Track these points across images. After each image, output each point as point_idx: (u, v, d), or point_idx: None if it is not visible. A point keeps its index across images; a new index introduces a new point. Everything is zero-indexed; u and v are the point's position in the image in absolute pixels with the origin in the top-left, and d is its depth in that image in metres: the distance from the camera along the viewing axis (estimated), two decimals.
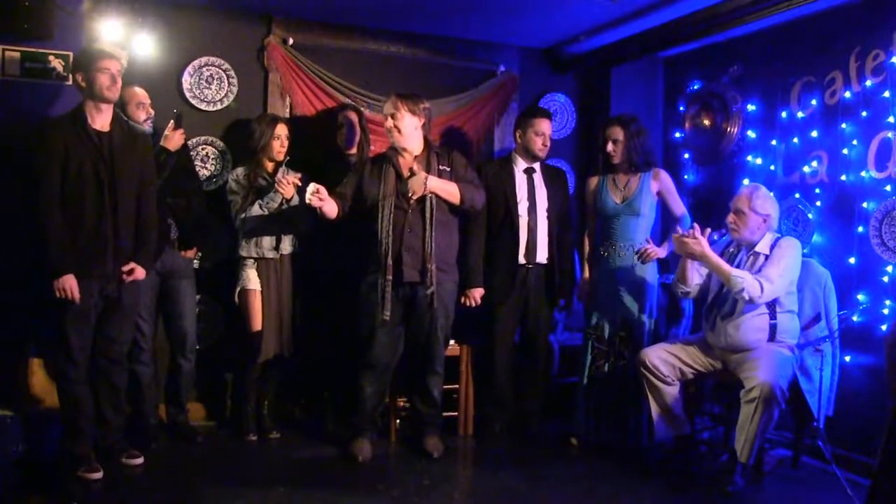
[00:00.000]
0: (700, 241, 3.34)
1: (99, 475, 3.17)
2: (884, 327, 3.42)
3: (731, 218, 3.47)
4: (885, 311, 3.45)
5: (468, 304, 3.88)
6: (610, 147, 3.87)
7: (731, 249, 3.56)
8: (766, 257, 3.40)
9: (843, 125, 3.72)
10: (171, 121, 3.56)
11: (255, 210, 3.70)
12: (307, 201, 3.42)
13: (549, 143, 3.99)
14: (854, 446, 3.52)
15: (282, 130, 3.81)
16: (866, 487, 2.66)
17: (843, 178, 3.71)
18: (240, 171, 3.85)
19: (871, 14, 3.61)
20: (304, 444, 3.82)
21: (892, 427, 2.45)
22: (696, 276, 3.54)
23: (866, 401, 3.49)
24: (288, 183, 3.58)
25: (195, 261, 3.89)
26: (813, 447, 3.51)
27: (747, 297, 3.29)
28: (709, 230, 3.45)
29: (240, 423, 3.87)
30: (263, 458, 3.63)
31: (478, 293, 3.89)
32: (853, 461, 3.47)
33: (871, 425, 3.33)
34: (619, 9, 3.99)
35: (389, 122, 3.58)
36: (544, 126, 3.96)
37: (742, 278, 3.28)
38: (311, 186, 3.41)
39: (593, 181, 3.99)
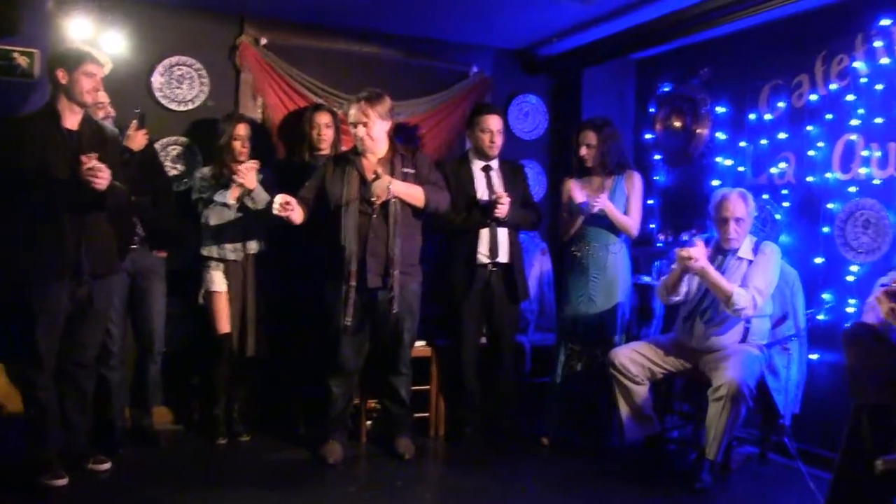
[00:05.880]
0: (701, 258, 3.31)
1: (64, 482, 3.09)
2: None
3: (732, 228, 3.39)
4: (850, 310, 3.51)
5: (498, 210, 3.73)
6: (583, 151, 3.89)
7: (719, 257, 3.49)
8: (750, 262, 3.40)
9: (809, 127, 3.78)
10: (134, 121, 3.51)
11: (216, 206, 3.64)
12: (275, 212, 3.32)
13: (498, 140, 3.88)
14: (819, 442, 3.56)
15: (242, 130, 3.76)
16: (827, 481, 2.71)
17: (810, 179, 3.77)
18: (206, 170, 3.82)
19: (836, 19, 3.67)
20: (275, 446, 3.79)
21: (853, 425, 2.50)
22: (685, 287, 3.50)
23: (831, 398, 3.53)
24: (247, 170, 3.55)
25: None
26: (779, 444, 3.55)
27: (742, 314, 3.31)
28: (708, 249, 3.41)
29: (209, 427, 3.83)
30: (233, 462, 3.60)
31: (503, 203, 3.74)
32: (818, 456, 3.51)
33: (836, 421, 3.37)
34: (591, 11, 4.02)
35: (361, 130, 3.48)
36: (491, 122, 3.87)
37: (740, 296, 3.27)
38: (279, 199, 3.32)
39: (569, 182, 4.00)
